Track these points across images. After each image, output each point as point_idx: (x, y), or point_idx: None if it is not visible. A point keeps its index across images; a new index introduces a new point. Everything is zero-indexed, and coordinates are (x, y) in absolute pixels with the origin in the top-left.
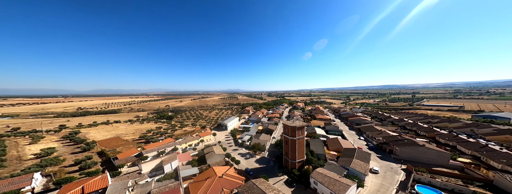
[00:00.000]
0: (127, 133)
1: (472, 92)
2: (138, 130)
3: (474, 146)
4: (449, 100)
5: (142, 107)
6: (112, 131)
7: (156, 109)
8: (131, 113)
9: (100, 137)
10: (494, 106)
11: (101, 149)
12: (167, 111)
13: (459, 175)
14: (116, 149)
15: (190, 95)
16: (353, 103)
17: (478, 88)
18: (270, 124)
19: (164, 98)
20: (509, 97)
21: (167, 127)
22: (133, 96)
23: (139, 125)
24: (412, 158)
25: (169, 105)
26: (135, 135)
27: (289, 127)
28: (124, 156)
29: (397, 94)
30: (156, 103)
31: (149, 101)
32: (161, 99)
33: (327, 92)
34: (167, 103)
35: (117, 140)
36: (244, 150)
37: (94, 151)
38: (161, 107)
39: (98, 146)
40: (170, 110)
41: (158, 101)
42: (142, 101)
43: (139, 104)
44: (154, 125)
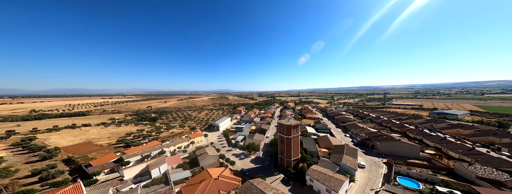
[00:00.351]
0: (100, 137)
1: (427, 92)
2: (114, 133)
3: (436, 139)
4: (411, 100)
5: (117, 108)
6: (80, 136)
7: (135, 110)
8: (104, 115)
9: (65, 143)
10: (444, 104)
11: (67, 156)
12: (150, 113)
13: (428, 166)
14: (88, 155)
15: (176, 96)
16: (337, 103)
17: (431, 89)
18: (263, 123)
19: (145, 98)
20: (454, 97)
21: (150, 129)
22: (106, 97)
23: (115, 128)
24: (390, 152)
25: (151, 106)
26: (111, 139)
27: (284, 126)
28: (99, 162)
29: (371, 95)
30: (135, 104)
31: (126, 102)
32: (141, 100)
33: (314, 93)
34: (149, 104)
35: (88, 146)
36: (238, 151)
37: (58, 159)
38: (142, 108)
39: (63, 153)
40: (153, 111)
41: (137, 102)
42: (118, 102)
43: (113, 105)
44: (134, 128)
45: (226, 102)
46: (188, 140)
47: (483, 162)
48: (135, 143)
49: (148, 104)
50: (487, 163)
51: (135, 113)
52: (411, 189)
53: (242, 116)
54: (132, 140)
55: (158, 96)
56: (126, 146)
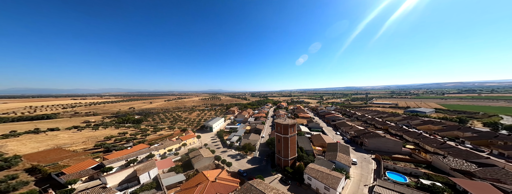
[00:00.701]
0: (73, 142)
1: (401, 93)
2: (91, 137)
3: (413, 135)
4: (388, 99)
5: (93, 110)
6: (47, 142)
7: (115, 112)
8: (75, 118)
9: (26, 150)
10: (414, 103)
11: (31, 164)
12: (133, 114)
13: (410, 160)
14: (59, 162)
15: (163, 96)
16: (326, 102)
17: (404, 90)
18: (258, 123)
19: (126, 99)
20: (422, 97)
21: (134, 132)
22: (77, 98)
23: (91, 132)
24: (377, 148)
25: (134, 107)
26: (88, 144)
27: (281, 125)
28: (74, 169)
29: (355, 94)
30: (114, 105)
31: (104, 102)
32: (121, 101)
33: (304, 93)
34: (131, 104)
35: (57, 152)
36: (233, 151)
37: (19, 168)
38: (123, 110)
39: (25, 162)
40: (137, 112)
41: (117, 102)
42: (93, 103)
43: (87, 106)
44: (115, 131)
45: (218, 102)
46: (179, 142)
47: (454, 154)
48: (117, 147)
49: (130, 105)
50: (458, 155)
51: (115, 115)
52: (399, 183)
53: (236, 116)
54: (114, 144)
55: (142, 96)
56: (107, 151)
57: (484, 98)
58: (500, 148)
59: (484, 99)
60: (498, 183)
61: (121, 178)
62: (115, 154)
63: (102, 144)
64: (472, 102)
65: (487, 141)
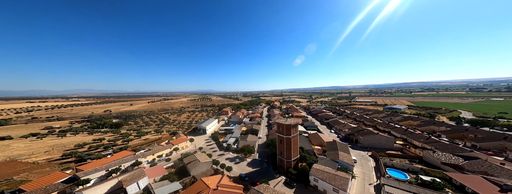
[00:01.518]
0: (32, 153)
1: (377, 91)
2: (56, 146)
3: (400, 131)
4: (368, 97)
5: (57, 114)
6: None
7: (86, 116)
8: (33, 124)
9: None
10: (390, 100)
11: None
12: (109, 118)
13: (402, 155)
14: (14, 178)
15: (146, 97)
16: (315, 101)
17: (379, 88)
18: (253, 124)
19: (101, 101)
20: (394, 95)
21: (114, 137)
22: (35, 100)
23: (57, 139)
24: (371, 145)
25: (110, 110)
26: (53, 154)
27: (284, 125)
28: (38, 185)
29: (340, 93)
30: (85, 108)
31: (71, 105)
32: (94, 103)
33: (294, 92)
34: (107, 107)
35: (10, 165)
36: (231, 154)
37: None
38: (97, 113)
39: None
40: (114, 116)
41: (88, 105)
42: (57, 106)
43: (49, 110)
44: (88, 137)
45: (209, 103)
46: (170, 146)
47: (441, 148)
48: (93, 156)
49: (106, 108)
50: (444, 149)
51: (87, 119)
52: (401, 180)
53: (229, 117)
54: (88, 152)
55: (120, 98)
56: (80, 160)
57: (441, 96)
58: (472, 141)
59: (441, 96)
60: (487, 175)
61: (102, 191)
62: (92, 164)
63: (72, 153)
64: (433, 99)
65: (460, 134)
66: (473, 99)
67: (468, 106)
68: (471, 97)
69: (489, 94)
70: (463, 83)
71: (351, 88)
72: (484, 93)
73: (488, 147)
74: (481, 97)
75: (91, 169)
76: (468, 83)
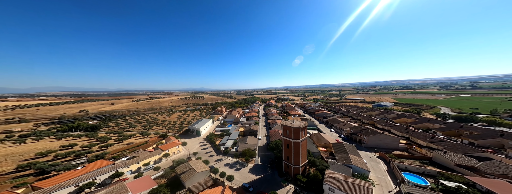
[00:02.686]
0: None
1: (363, 89)
2: (11, 155)
3: (401, 129)
4: (356, 95)
5: (19, 115)
6: None
7: (56, 117)
8: None
9: None
10: (376, 98)
11: None
12: (85, 119)
13: (410, 156)
14: None
15: (131, 96)
16: (308, 99)
17: (364, 86)
18: (251, 124)
19: (75, 100)
20: (378, 92)
21: (89, 143)
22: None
23: (13, 146)
24: (376, 145)
25: (87, 110)
26: (5, 166)
27: (291, 128)
28: None
29: (331, 91)
30: (55, 108)
31: (38, 105)
32: (67, 102)
33: (288, 90)
34: (83, 107)
35: None
36: (231, 159)
37: None
38: (70, 114)
39: None
40: (91, 117)
41: (59, 105)
42: (18, 107)
43: (8, 111)
44: (55, 143)
45: (201, 101)
46: (159, 152)
47: (450, 148)
48: (59, 167)
49: (82, 108)
50: (453, 149)
51: (57, 121)
52: (421, 186)
53: (225, 117)
54: (54, 162)
55: (99, 96)
56: (41, 173)
57: (418, 93)
58: (470, 138)
59: (418, 93)
60: (508, 179)
61: None
62: (57, 178)
63: (31, 164)
64: (412, 96)
65: (455, 132)
66: (445, 96)
67: (443, 102)
68: (443, 94)
69: (457, 91)
70: (433, 82)
71: (340, 86)
72: (453, 90)
73: (486, 145)
74: (451, 94)
75: (54, 185)
76: (437, 81)
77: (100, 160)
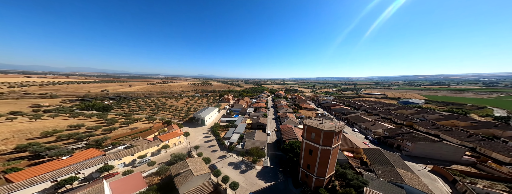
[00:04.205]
0: None
1: (384, 83)
2: (22, 131)
3: (462, 136)
4: (375, 90)
5: (52, 91)
6: None
7: (82, 95)
8: (24, 101)
9: None
10: (400, 94)
11: None
12: (103, 98)
13: (487, 176)
14: None
15: (146, 79)
16: (319, 92)
17: (384, 80)
18: (259, 116)
19: (99, 80)
20: (402, 87)
21: (95, 124)
22: (33, 75)
23: (29, 122)
24: (425, 155)
25: (107, 90)
26: (10, 144)
27: (321, 131)
28: None
29: (344, 85)
30: (82, 87)
31: (69, 83)
32: (92, 82)
33: (297, 82)
34: (105, 87)
35: None
36: (235, 157)
37: None
38: (93, 93)
39: None
40: (110, 96)
41: (86, 84)
42: (53, 83)
43: (43, 87)
44: (65, 122)
45: (209, 88)
46: (158, 143)
47: None
48: (52, 151)
49: (104, 88)
50: None
51: (81, 99)
52: None
53: (231, 106)
54: (53, 145)
55: (119, 78)
56: (36, 157)
57: (454, 90)
58: None
59: (454, 90)
60: None
61: None
62: (32, 171)
63: (30, 145)
64: (446, 93)
65: None
66: (491, 94)
67: (492, 102)
68: (488, 92)
69: (507, 89)
70: (474, 77)
71: (355, 79)
72: (501, 88)
73: None
74: (500, 92)
75: (25, 180)
76: (478, 77)
77: (91, 149)
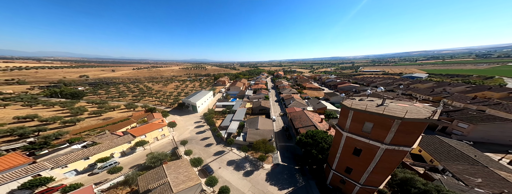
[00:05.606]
0: None
1: (380, 61)
2: None
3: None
4: (373, 67)
5: (20, 76)
6: None
7: (55, 81)
8: None
9: None
10: (399, 69)
11: None
12: (81, 84)
13: None
14: None
15: (133, 64)
16: (317, 72)
17: (380, 58)
18: (260, 98)
19: (77, 65)
20: (399, 64)
21: (53, 115)
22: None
23: None
24: (485, 139)
25: (87, 75)
26: None
27: (394, 121)
28: None
29: (342, 64)
30: (55, 72)
31: (40, 68)
32: (68, 67)
33: (294, 63)
34: (85, 72)
35: None
36: (236, 153)
37: None
38: (70, 78)
39: None
40: (89, 82)
41: (62, 68)
42: (21, 68)
43: (10, 72)
44: (14, 113)
45: (203, 72)
46: (128, 139)
47: None
48: None
49: (83, 73)
50: None
51: (54, 85)
52: None
53: (228, 89)
54: None
55: (102, 63)
56: None
57: (450, 63)
58: None
59: (450, 63)
60: None
61: None
62: None
63: None
64: (443, 66)
65: None
66: (488, 65)
67: (494, 72)
68: (484, 63)
69: (501, 59)
70: (465, 51)
71: (352, 58)
72: (495, 59)
73: None
74: (495, 63)
75: None
76: (470, 51)
77: (12, 155)
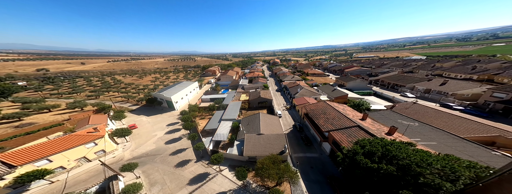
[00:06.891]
0: None
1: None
2: None
3: None
4: (368, 53)
5: None
6: None
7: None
8: None
9: None
10: (392, 54)
11: None
12: (28, 80)
13: None
14: None
15: (110, 57)
16: (312, 59)
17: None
18: (258, 88)
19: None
20: (389, 49)
21: None
22: None
23: None
24: None
25: (47, 69)
26: None
27: None
28: None
29: (334, 52)
30: (3, 65)
31: None
32: (24, 59)
33: (287, 52)
34: (45, 65)
35: None
36: (227, 176)
37: None
38: (23, 73)
39: None
40: (45, 77)
41: (12, 61)
42: None
43: None
44: None
45: (192, 63)
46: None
47: None
48: None
49: (43, 66)
50: None
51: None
52: None
53: (218, 79)
54: None
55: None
56: None
57: (435, 47)
58: None
59: (436, 47)
60: None
61: None
62: None
63: None
64: (431, 50)
65: None
66: (474, 47)
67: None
68: (470, 45)
69: (483, 41)
70: (445, 36)
71: (343, 46)
72: (477, 41)
73: None
74: (480, 45)
75: None
76: (449, 36)
77: None
